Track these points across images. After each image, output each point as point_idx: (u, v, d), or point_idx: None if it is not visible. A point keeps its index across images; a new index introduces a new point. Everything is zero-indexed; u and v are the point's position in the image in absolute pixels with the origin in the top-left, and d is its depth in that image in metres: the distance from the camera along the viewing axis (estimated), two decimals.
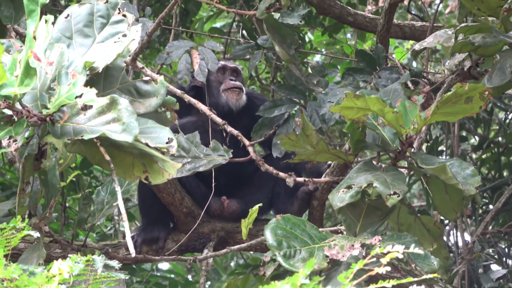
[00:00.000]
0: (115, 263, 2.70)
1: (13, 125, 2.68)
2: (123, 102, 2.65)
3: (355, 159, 3.58)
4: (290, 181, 3.45)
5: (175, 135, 2.77)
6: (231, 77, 4.62)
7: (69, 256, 2.36)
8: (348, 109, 3.19)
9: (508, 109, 6.30)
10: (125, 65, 2.98)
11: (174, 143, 2.68)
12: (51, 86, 2.73)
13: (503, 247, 5.96)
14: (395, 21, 5.02)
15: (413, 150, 3.38)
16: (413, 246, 2.28)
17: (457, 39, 3.72)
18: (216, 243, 4.37)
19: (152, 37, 3.66)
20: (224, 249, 3.84)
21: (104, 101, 2.62)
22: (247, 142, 3.57)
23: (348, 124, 3.31)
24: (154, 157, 2.75)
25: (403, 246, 2.03)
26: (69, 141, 2.66)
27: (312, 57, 7.22)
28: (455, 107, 3.17)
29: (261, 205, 3.55)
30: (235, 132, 3.57)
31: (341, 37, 7.30)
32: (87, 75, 2.73)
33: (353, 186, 3.15)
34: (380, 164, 3.36)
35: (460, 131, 6.06)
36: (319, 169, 4.28)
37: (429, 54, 5.44)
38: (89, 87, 2.64)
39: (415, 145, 3.61)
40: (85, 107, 2.65)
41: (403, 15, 7.60)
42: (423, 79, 4.34)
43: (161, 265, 7.64)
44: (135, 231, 4.49)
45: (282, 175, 3.50)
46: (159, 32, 6.10)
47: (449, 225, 6.10)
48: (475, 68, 3.99)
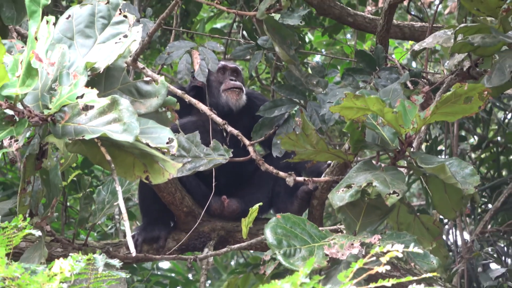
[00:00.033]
0: (116, 262, 2.70)
1: (15, 125, 2.68)
2: (124, 102, 2.64)
3: (355, 158, 3.59)
4: (290, 181, 3.45)
5: (176, 135, 2.78)
6: (231, 77, 4.62)
7: (70, 255, 2.35)
8: (347, 109, 3.20)
9: (507, 109, 6.29)
10: (126, 65, 2.97)
11: (174, 143, 2.67)
12: (52, 86, 2.73)
13: (502, 246, 5.96)
14: (394, 21, 5.02)
15: (412, 149, 3.38)
16: (413, 245, 2.29)
17: (457, 39, 3.72)
18: (216, 242, 4.37)
19: (153, 38, 3.66)
20: (224, 248, 3.86)
21: (105, 101, 2.61)
22: (247, 141, 3.57)
23: (347, 124, 3.31)
24: (154, 157, 2.75)
25: (403, 245, 2.02)
26: (70, 141, 2.66)
27: (312, 58, 7.20)
28: (454, 107, 3.18)
29: (261, 204, 3.55)
30: (235, 132, 3.57)
31: (341, 38, 7.29)
32: (88, 76, 2.73)
33: (352, 185, 3.15)
34: (379, 163, 3.37)
35: (459, 131, 6.04)
36: (319, 169, 4.28)
37: (429, 54, 5.45)
38: (90, 87, 2.64)
39: (414, 145, 3.61)
40: (86, 107, 2.65)
41: (403, 15, 7.58)
42: (423, 79, 4.33)
43: (161, 264, 7.63)
44: (135, 230, 4.49)
45: (282, 174, 3.50)
46: (160, 32, 6.08)
47: (448, 224, 6.08)
48: (474, 68, 3.99)
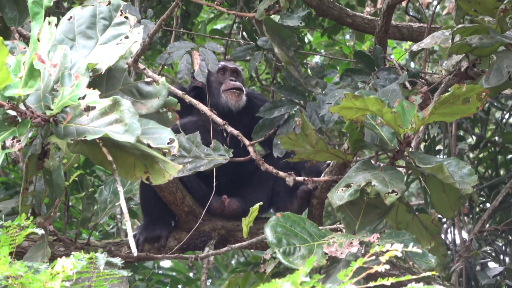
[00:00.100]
0: (118, 261, 2.71)
1: (17, 126, 2.68)
2: (126, 103, 2.65)
3: (354, 158, 3.59)
4: (289, 180, 3.45)
5: (176, 135, 2.76)
6: (231, 78, 4.63)
7: (73, 253, 2.37)
8: (347, 109, 3.20)
9: (504, 108, 6.28)
10: (127, 66, 2.97)
11: (175, 143, 2.68)
12: (55, 87, 2.73)
13: (500, 244, 5.95)
14: (393, 22, 5.01)
15: (411, 149, 3.38)
16: (412, 244, 2.31)
17: (454, 40, 3.72)
18: (217, 241, 4.38)
19: (153, 39, 3.66)
20: (225, 247, 3.87)
21: (106, 102, 2.62)
22: (247, 142, 3.56)
23: (347, 124, 3.32)
24: (155, 158, 2.75)
25: (402, 244, 2.03)
26: (72, 142, 2.67)
27: (311, 58, 7.21)
28: (452, 107, 3.18)
29: (261, 203, 3.54)
30: (235, 132, 3.57)
31: (340, 38, 7.27)
32: (90, 77, 2.74)
33: (352, 184, 3.15)
34: (378, 163, 3.37)
35: (457, 131, 6.02)
36: (318, 168, 4.30)
37: (427, 55, 5.46)
38: (92, 88, 2.64)
39: (413, 145, 3.61)
40: (88, 108, 2.66)
41: (401, 16, 7.57)
42: (421, 80, 4.33)
43: (163, 263, 7.63)
44: (137, 230, 4.49)
45: (282, 174, 3.49)
46: (160, 33, 6.05)
47: (446, 223, 6.06)
48: (472, 68, 3.99)
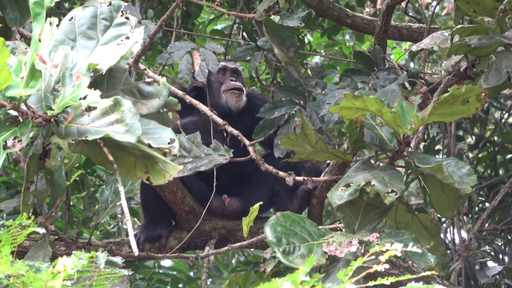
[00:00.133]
0: (118, 259, 2.73)
1: (18, 126, 2.68)
2: (126, 103, 2.65)
3: (354, 158, 3.59)
4: (289, 180, 3.45)
5: (177, 135, 2.75)
6: (232, 78, 4.63)
7: (73, 252, 2.38)
8: (346, 109, 3.21)
9: (504, 108, 6.28)
10: (128, 67, 2.96)
11: (176, 143, 2.68)
12: (56, 87, 2.73)
13: (499, 244, 5.95)
14: (392, 22, 5.02)
15: (410, 149, 3.38)
16: (411, 244, 2.31)
17: (454, 40, 3.73)
18: (217, 240, 4.40)
19: (154, 39, 3.65)
20: (225, 246, 3.88)
21: (107, 102, 2.62)
22: (247, 142, 3.56)
23: (346, 124, 3.32)
24: (156, 159, 2.75)
25: (402, 244, 2.04)
26: (73, 142, 2.67)
27: (311, 58, 7.22)
28: (451, 108, 3.18)
29: (261, 203, 3.54)
30: (236, 132, 3.57)
31: (339, 39, 7.28)
32: (91, 77, 2.74)
33: (351, 184, 3.15)
34: (378, 163, 3.37)
35: (456, 131, 6.02)
36: (318, 168, 4.31)
37: (426, 55, 5.46)
38: (93, 88, 2.64)
39: (412, 145, 3.61)
40: (89, 108, 2.65)
41: (401, 17, 7.57)
42: (420, 80, 4.34)
43: (163, 262, 7.64)
44: (137, 229, 4.50)
45: (281, 174, 3.49)
46: (161, 34, 6.06)
47: (446, 223, 6.05)
48: (471, 68, 4.01)
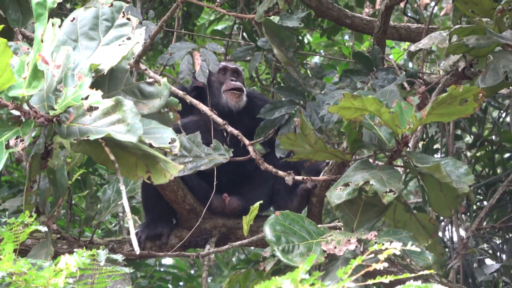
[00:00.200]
0: (119, 256, 2.75)
1: (21, 126, 2.70)
2: (128, 103, 2.67)
3: (352, 157, 3.61)
4: (289, 180, 3.46)
5: (178, 135, 2.77)
6: (232, 78, 4.64)
7: (75, 250, 2.40)
8: (345, 109, 3.22)
9: (501, 108, 6.29)
10: (129, 67, 2.98)
11: (177, 143, 2.70)
12: (58, 87, 2.75)
13: (497, 242, 5.97)
14: (391, 23, 5.04)
15: (408, 149, 3.39)
16: (410, 243, 2.33)
17: (452, 40, 3.73)
18: (217, 239, 4.41)
19: (155, 40, 3.66)
20: (225, 245, 3.89)
21: (109, 102, 2.64)
22: (247, 141, 3.57)
23: (345, 124, 3.34)
24: (156, 158, 2.76)
25: (401, 243, 2.05)
26: (75, 141, 2.68)
27: (311, 59, 7.24)
28: (449, 108, 3.19)
29: (261, 202, 3.55)
30: (235, 132, 3.57)
31: (339, 39, 7.31)
32: (93, 77, 2.75)
33: (350, 183, 3.17)
34: (376, 162, 3.39)
35: (455, 130, 6.02)
36: (318, 167, 4.32)
37: (425, 55, 5.46)
38: (94, 88, 2.66)
39: (411, 144, 3.63)
40: (91, 108, 2.67)
41: (399, 17, 7.59)
42: (419, 80, 4.34)
43: (164, 261, 7.66)
44: (139, 228, 4.51)
45: (281, 173, 3.50)
46: (162, 34, 6.06)
47: (444, 221, 6.05)
48: (469, 68, 4.01)
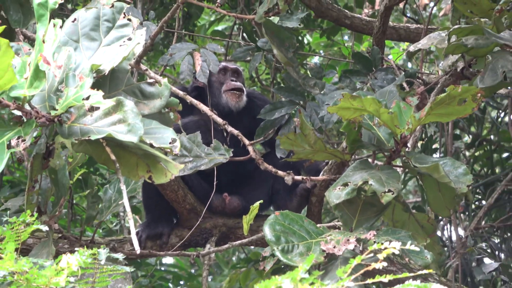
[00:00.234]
0: (120, 255, 2.75)
1: (22, 126, 2.71)
2: (129, 103, 2.68)
3: (352, 157, 3.62)
4: (288, 180, 3.47)
5: (178, 135, 2.78)
6: (232, 78, 4.66)
7: (76, 249, 2.41)
8: (345, 110, 3.24)
9: (500, 107, 6.30)
10: (130, 67, 2.99)
11: (177, 143, 2.71)
12: (59, 88, 2.76)
13: (496, 241, 5.98)
14: (390, 23, 5.05)
15: (407, 149, 3.40)
16: (410, 242, 2.35)
17: (450, 41, 3.74)
18: (218, 238, 4.43)
19: (156, 40, 3.66)
20: (226, 244, 3.91)
21: (110, 102, 2.65)
22: (246, 141, 3.58)
23: (344, 124, 3.35)
24: (157, 158, 2.77)
25: (400, 242, 2.06)
26: (76, 141, 2.69)
27: (310, 59, 7.26)
28: (448, 108, 3.20)
29: (261, 201, 3.56)
30: (235, 132, 3.58)
31: (338, 39, 7.32)
32: (94, 78, 2.76)
33: (349, 183, 3.18)
34: (375, 162, 3.40)
35: (453, 130, 6.03)
36: (318, 166, 4.34)
37: (424, 55, 5.48)
38: (95, 89, 2.67)
39: (410, 144, 3.62)
40: (92, 109, 2.68)
41: (399, 17, 7.59)
42: (418, 80, 4.35)
43: (165, 260, 7.69)
44: (139, 227, 4.53)
45: (280, 173, 3.51)
46: (162, 34, 6.06)
47: (443, 220, 6.08)
48: (467, 68, 4.01)
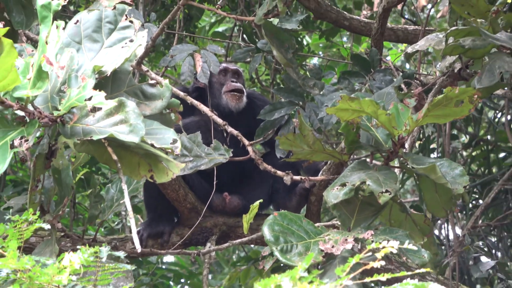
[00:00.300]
0: (121, 253, 2.76)
1: (25, 126, 2.73)
2: (130, 104, 2.69)
3: (350, 158, 3.65)
4: (287, 179, 3.50)
5: (178, 135, 2.80)
6: (233, 79, 4.68)
7: (78, 247, 2.44)
8: (343, 111, 3.25)
9: (497, 108, 6.31)
10: (132, 69, 3.02)
11: (178, 143, 2.73)
12: (62, 88, 2.78)
13: (492, 240, 6.02)
14: (389, 25, 5.07)
15: (405, 150, 3.42)
16: (407, 241, 2.38)
17: (448, 42, 3.77)
18: (218, 237, 4.47)
19: (157, 41, 3.69)
20: (226, 243, 3.95)
21: (112, 103, 2.67)
22: (246, 142, 3.60)
23: (343, 125, 3.37)
24: (159, 157, 2.79)
25: (398, 241, 2.08)
26: (78, 141, 2.71)
27: (309, 60, 7.28)
28: (445, 109, 3.21)
29: (261, 201, 3.58)
30: (235, 132, 3.61)
31: (337, 41, 7.34)
32: (96, 79, 2.78)
33: (347, 183, 3.20)
34: (374, 162, 3.42)
35: (451, 130, 6.05)
36: (317, 166, 4.38)
37: (421, 56, 5.50)
38: (97, 90, 2.69)
39: (407, 144, 3.65)
40: (94, 109, 2.70)
41: (397, 19, 7.61)
42: (416, 81, 4.37)
43: (166, 258, 7.73)
44: (141, 226, 4.55)
45: (279, 173, 3.54)
46: (164, 36, 6.08)
47: (440, 220, 6.11)
48: (465, 69, 4.05)
